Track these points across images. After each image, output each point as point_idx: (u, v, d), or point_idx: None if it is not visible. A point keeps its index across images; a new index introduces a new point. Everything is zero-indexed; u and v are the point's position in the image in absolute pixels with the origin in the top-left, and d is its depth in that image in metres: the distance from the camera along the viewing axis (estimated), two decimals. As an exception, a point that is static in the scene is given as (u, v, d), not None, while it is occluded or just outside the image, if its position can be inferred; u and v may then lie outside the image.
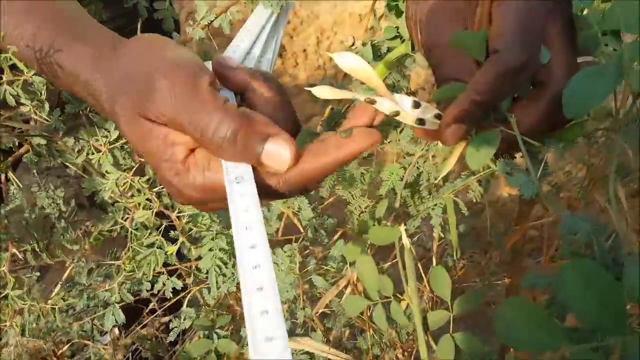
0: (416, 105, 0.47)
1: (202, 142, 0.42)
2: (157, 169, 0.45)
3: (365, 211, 0.63)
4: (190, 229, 0.73)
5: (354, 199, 0.66)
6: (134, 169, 0.65)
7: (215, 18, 0.71)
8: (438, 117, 0.48)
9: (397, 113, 0.49)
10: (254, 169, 0.43)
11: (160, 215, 0.75)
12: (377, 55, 0.73)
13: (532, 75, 0.46)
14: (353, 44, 0.76)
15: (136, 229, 0.70)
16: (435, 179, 0.55)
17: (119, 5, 0.90)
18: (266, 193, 0.43)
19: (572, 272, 0.36)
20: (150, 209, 0.65)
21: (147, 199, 0.64)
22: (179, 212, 0.72)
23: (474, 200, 0.59)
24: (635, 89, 0.38)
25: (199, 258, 0.80)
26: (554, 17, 0.46)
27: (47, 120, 0.62)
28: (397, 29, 0.70)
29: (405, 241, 0.60)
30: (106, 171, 0.63)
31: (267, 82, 0.47)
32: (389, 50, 0.73)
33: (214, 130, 0.41)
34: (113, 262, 0.80)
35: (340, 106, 0.82)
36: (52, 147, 0.65)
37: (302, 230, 0.78)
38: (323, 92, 0.48)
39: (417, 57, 0.64)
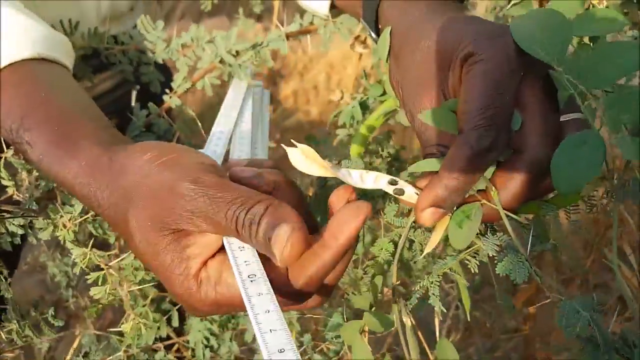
0: (393, 182, 0.45)
1: (232, 222, 0.41)
2: (168, 282, 0.44)
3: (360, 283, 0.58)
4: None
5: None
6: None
7: (193, 85, 0.69)
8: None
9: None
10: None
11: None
12: (365, 110, 0.70)
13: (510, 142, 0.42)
14: (342, 98, 0.73)
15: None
16: (422, 252, 0.51)
17: (107, 69, 0.89)
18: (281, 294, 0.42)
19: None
20: (109, 284, 0.63)
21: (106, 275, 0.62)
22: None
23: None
24: (630, 158, 0.33)
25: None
26: (528, 80, 0.42)
27: (23, 200, 0.60)
28: (383, 87, 0.68)
29: (406, 320, 0.55)
30: (70, 248, 0.61)
31: (290, 181, 0.47)
32: (380, 103, 0.70)
33: (250, 207, 0.41)
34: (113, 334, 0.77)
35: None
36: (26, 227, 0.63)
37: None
38: (297, 158, 0.45)
39: (400, 114, 0.61)
